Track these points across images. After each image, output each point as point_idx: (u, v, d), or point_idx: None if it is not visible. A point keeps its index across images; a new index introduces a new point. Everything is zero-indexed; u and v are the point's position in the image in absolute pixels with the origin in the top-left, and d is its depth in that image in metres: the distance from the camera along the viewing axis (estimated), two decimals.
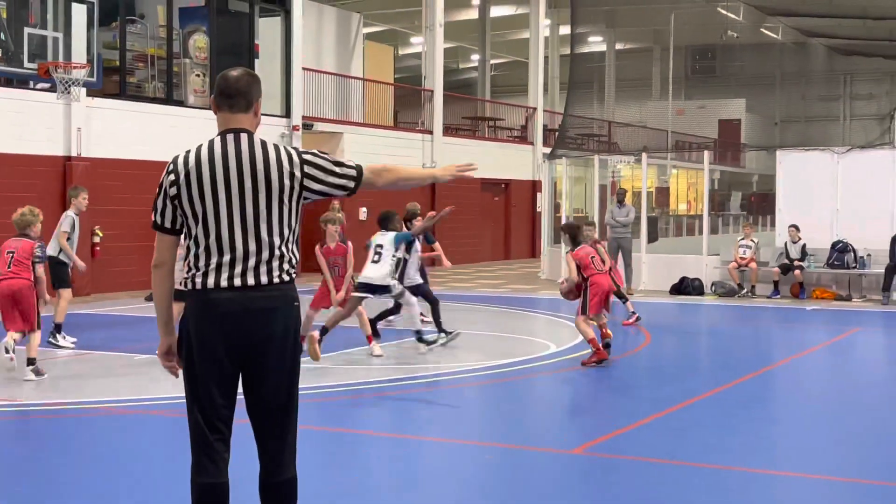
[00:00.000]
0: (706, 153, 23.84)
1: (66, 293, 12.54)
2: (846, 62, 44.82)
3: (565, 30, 39.44)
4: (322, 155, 4.49)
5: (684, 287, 20.36)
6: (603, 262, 11.82)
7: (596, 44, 47.84)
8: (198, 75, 21.96)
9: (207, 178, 4.29)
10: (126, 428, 8.31)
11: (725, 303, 19.14)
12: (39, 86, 18.05)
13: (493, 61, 52.58)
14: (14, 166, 17.98)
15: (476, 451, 7.57)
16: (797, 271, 19.46)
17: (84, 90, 18.58)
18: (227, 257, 4.29)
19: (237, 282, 4.28)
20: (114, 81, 20.48)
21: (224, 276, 4.28)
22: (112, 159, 19.60)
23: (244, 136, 4.36)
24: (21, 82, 16.35)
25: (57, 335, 12.40)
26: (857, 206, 19.71)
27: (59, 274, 12.58)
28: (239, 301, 4.27)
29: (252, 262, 4.30)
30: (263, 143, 4.38)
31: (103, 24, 20.78)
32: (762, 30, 42.52)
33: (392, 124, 29.89)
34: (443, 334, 12.45)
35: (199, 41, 22.01)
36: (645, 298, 19.65)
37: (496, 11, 40.50)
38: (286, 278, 4.36)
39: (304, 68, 24.39)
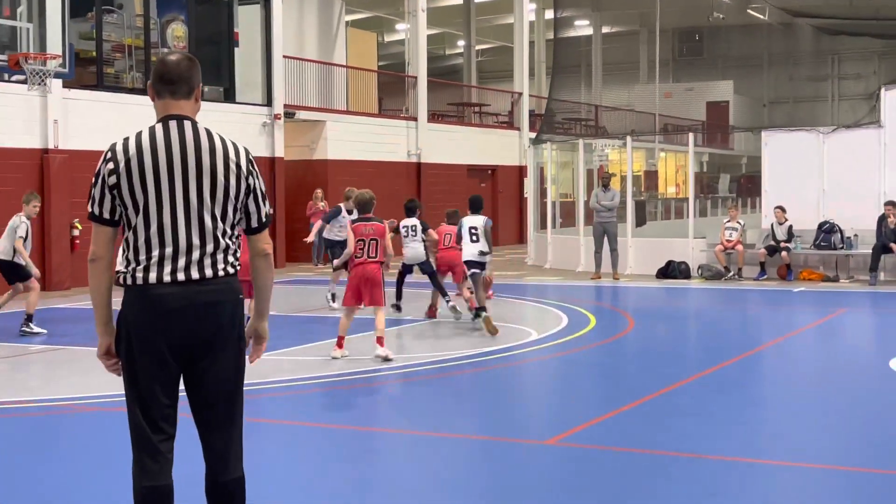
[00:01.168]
0: (691, 135, 23.65)
1: (35, 284, 12.63)
2: (833, 42, 44.70)
3: (552, 14, 39.24)
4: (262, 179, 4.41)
5: (671, 271, 20.20)
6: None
7: (582, 27, 47.67)
8: None
9: (150, 166, 4.11)
10: (91, 424, 8.11)
11: (712, 286, 18.99)
12: (15, 78, 17.80)
13: (479, 47, 52.38)
14: None
15: (446, 444, 7.38)
16: (784, 253, 19.31)
17: (60, 81, 18.43)
18: (169, 250, 4.11)
19: (181, 276, 4.10)
20: (91, 72, 20.25)
21: (167, 269, 4.10)
22: (90, 151, 19.29)
23: (188, 124, 4.19)
24: None
25: (30, 324, 12.57)
26: (844, 186, 19.56)
27: (17, 271, 12.66)
28: (183, 296, 4.10)
29: (196, 254, 4.13)
30: (209, 132, 4.23)
31: (79, 15, 20.59)
32: (749, 11, 42.31)
33: (377, 112, 29.66)
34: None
35: (178, 30, 21.77)
36: (631, 283, 19.51)
37: None
38: (231, 271, 4.21)
39: (284, 56, 24.14)
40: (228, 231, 4.21)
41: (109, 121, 19.65)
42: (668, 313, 16.00)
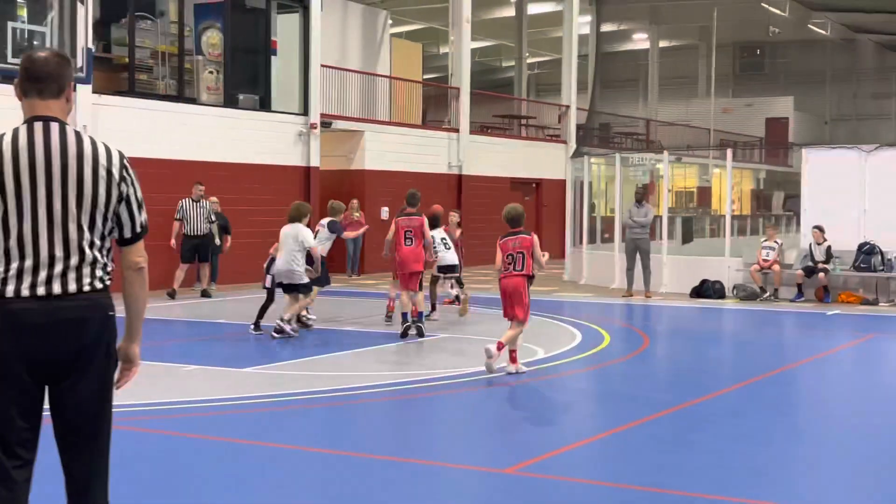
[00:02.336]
0: (729, 152, 23.04)
1: None
2: None
3: (606, 27, 38.79)
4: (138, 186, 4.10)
5: (704, 290, 19.66)
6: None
7: (641, 41, 47.07)
8: (211, 72, 21.68)
9: (10, 171, 3.84)
10: None
11: (745, 307, 18.42)
12: None
13: (536, 59, 52.09)
14: None
15: (392, 468, 7.04)
16: (822, 274, 18.69)
17: (90, 87, 18.44)
18: (29, 262, 3.84)
19: (41, 290, 3.83)
20: (123, 78, 20.27)
21: (26, 283, 3.83)
22: None
23: (55, 126, 3.91)
24: (7, 78, 16.07)
25: None
26: (886, 206, 18.88)
27: None
28: (43, 312, 3.83)
29: (59, 267, 3.86)
30: (78, 135, 3.95)
31: (114, 21, 20.66)
32: (809, 26, 41.46)
33: (421, 123, 29.43)
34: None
35: (213, 37, 21.74)
36: (662, 302, 19.02)
37: (535, 9, 39.88)
38: (99, 286, 3.93)
39: (323, 65, 24.01)
40: (97, 242, 3.95)
41: (139, 127, 19.63)
42: (687, 334, 15.49)
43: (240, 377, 10.54)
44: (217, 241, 19.41)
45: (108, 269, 3.99)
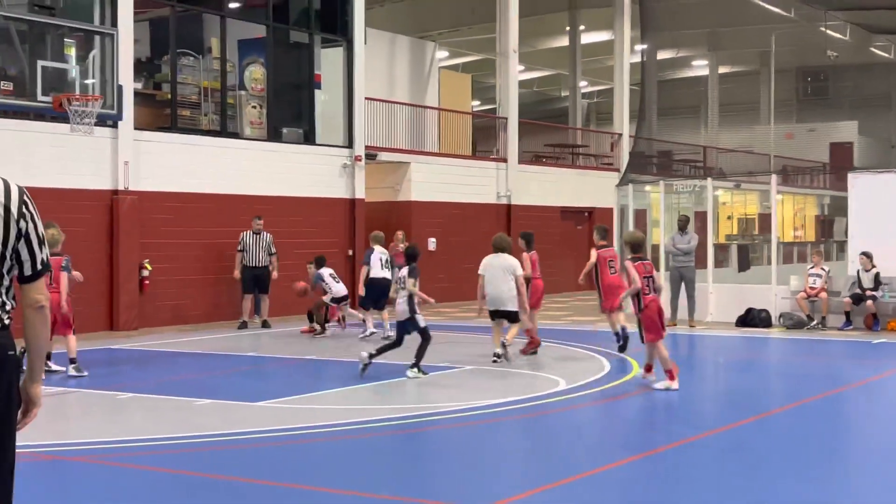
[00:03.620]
0: (773, 177, 22.62)
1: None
2: None
3: (664, 54, 38.48)
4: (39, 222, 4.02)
5: (750, 319, 19.26)
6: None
7: (700, 67, 46.60)
8: (254, 107, 21.88)
9: None
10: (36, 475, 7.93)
11: (790, 335, 17.99)
12: (86, 119, 18.13)
13: (594, 88, 51.88)
14: (61, 200, 17.98)
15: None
16: (869, 301, 18.20)
17: (131, 124, 18.74)
18: None
19: None
20: (166, 114, 20.55)
21: None
22: (160, 192, 19.56)
23: None
24: (38, 116, 16.38)
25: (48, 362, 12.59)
26: None
27: None
28: None
29: None
30: None
31: (158, 57, 20.99)
32: (872, 49, 40.71)
33: (471, 153, 29.40)
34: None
35: (256, 72, 21.95)
36: (706, 331, 18.67)
37: (589, 38, 39.73)
38: None
39: (367, 98, 24.11)
40: None
41: (180, 162, 19.87)
42: (721, 364, 15.15)
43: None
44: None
45: (7, 307, 3.92)
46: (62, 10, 18.19)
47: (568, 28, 38.21)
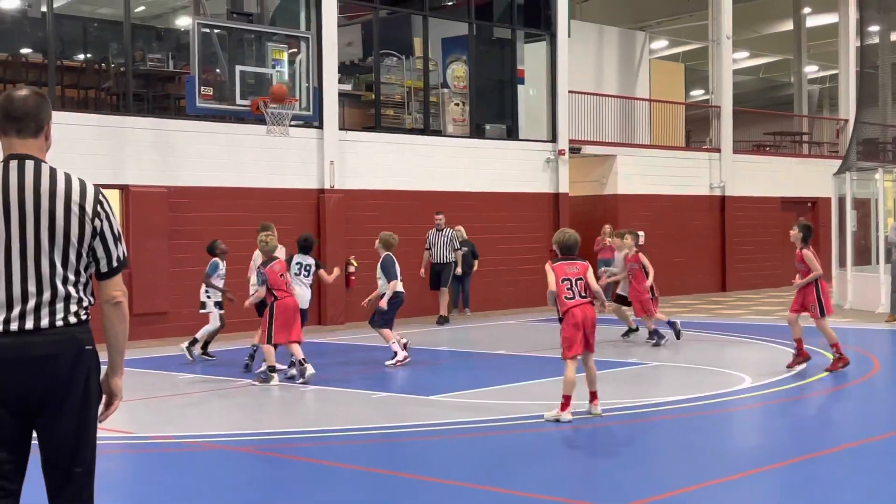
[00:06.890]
0: None
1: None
2: None
3: None
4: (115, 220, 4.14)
5: None
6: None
7: None
8: (457, 104, 22.16)
9: None
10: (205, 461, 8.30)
11: None
12: (293, 122, 18.86)
13: (825, 73, 49.59)
14: (269, 200, 18.80)
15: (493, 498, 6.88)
16: None
17: (336, 124, 19.36)
18: (2, 298, 3.93)
19: (14, 325, 3.90)
20: (370, 114, 21.10)
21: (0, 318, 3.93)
22: (365, 190, 20.09)
23: (29, 164, 4.00)
24: (238, 119, 17.13)
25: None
26: None
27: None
28: (15, 347, 3.89)
29: (32, 303, 3.92)
30: (52, 172, 4.01)
31: (364, 59, 21.58)
32: None
33: (684, 144, 28.75)
34: None
35: (458, 70, 22.23)
36: None
37: (814, 21, 38.04)
38: (73, 321, 3.97)
39: (573, 91, 23.98)
40: (72, 278, 4.00)
41: (384, 160, 20.34)
42: None
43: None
44: (459, 269, 19.81)
45: (84, 304, 4.04)
46: (271, 15, 19.01)
47: (793, 11, 36.71)
